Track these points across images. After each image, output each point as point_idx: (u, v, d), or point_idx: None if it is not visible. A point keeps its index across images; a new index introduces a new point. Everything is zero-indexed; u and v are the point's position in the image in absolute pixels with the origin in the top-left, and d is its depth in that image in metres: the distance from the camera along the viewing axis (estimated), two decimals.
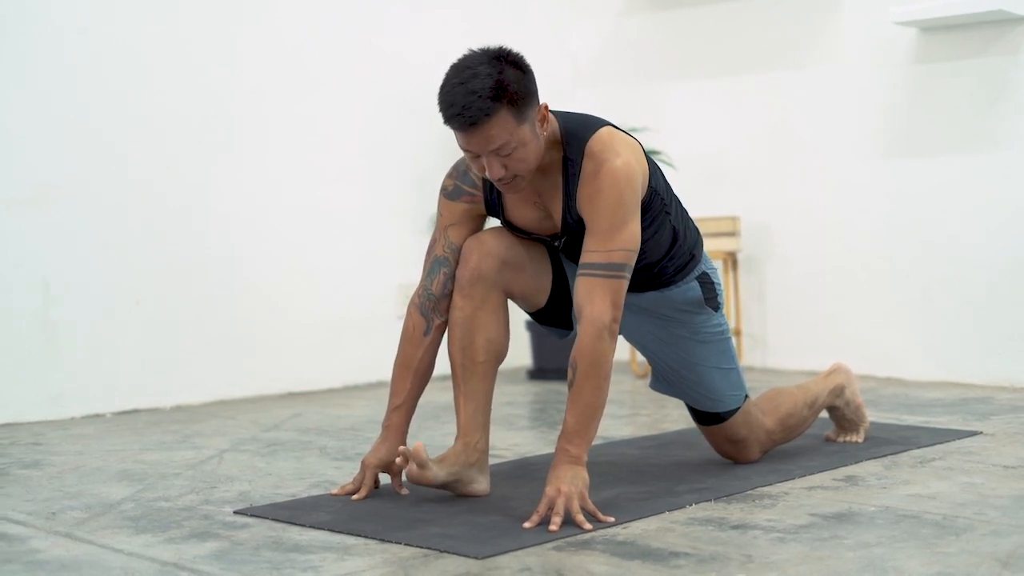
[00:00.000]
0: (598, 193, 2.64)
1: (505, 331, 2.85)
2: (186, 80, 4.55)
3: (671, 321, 3.00)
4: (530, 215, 2.82)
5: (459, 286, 2.80)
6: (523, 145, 2.59)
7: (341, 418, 4.16)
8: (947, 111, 4.83)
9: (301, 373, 4.87)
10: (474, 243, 2.81)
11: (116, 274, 4.36)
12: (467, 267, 2.79)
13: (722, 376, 3.05)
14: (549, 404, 4.47)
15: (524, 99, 2.58)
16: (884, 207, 5.02)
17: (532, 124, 2.62)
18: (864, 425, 3.48)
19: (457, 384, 2.83)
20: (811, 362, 5.19)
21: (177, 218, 4.52)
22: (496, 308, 2.81)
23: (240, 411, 4.35)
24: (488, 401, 2.84)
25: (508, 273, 2.82)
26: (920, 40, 4.88)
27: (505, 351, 2.86)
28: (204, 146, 4.59)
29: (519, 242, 2.86)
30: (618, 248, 2.62)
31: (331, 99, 4.99)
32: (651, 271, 2.87)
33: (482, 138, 2.55)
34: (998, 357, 4.71)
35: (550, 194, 2.77)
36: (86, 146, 4.30)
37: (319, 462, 3.36)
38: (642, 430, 3.85)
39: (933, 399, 4.37)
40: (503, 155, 2.58)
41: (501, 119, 2.54)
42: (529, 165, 2.63)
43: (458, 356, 2.81)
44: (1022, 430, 3.67)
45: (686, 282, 2.97)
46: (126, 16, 4.40)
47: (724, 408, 3.08)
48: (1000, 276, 4.72)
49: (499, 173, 2.60)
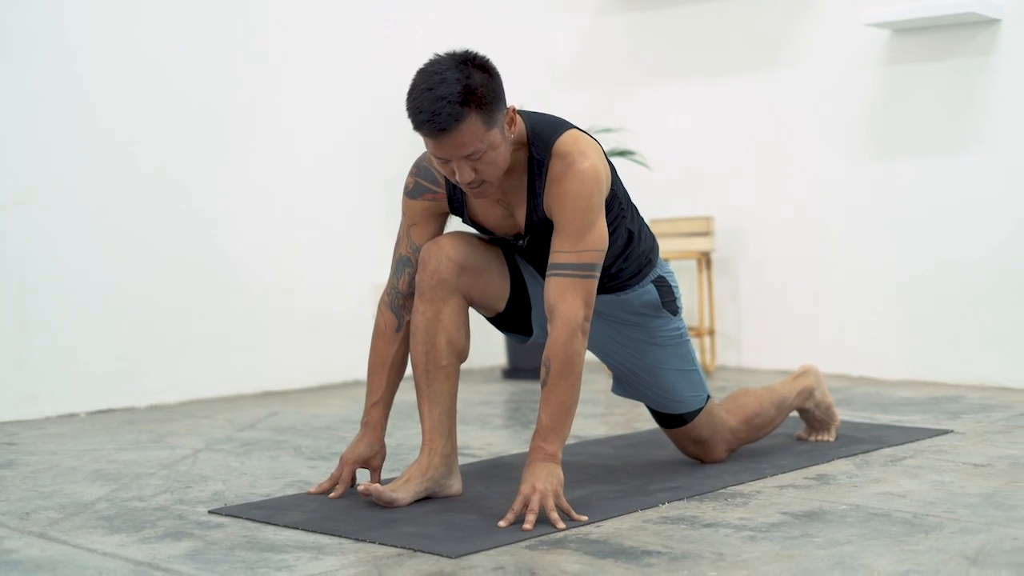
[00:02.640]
0: (567, 194, 2.65)
1: (466, 332, 2.85)
2: (163, 83, 4.55)
3: (629, 325, 3.02)
4: (494, 214, 2.83)
5: (419, 291, 2.81)
6: (493, 149, 2.60)
7: (316, 417, 4.17)
8: (921, 112, 4.86)
9: (277, 372, 4.87)
10: (432, 248, 2.82)
11: (91, 274, 4.36)
12: (426, 272, 2.80)
13: (682, 378, 3.07)
14: (524, 403, 4.48)
15: (492, 103, 2.59)
16: (857, 208, 5.05)
17: (501, 127, 2.63)
18: (835, 424, 3.51)
19: (421, 389, 2.83)
20: (784, 362, 5.22)
21: (153, 219, 4.52)
22: (456, 311, 2.82)
23: (215, 410, 4.35)
24: (453, 403, 2.85)
25: (467, 278, 2.83)
26: (893, 42, 4.91)
27: (467, 352, 2.87)
28: (181, 148, 4.59)
29: (478, 247, 2.87)
30: (588, 248, 2.65)
31: (307, 100, 5.00)
32: (606, 272, 2.87)
33: (452, 144, 2.56)
34: (969, 357, 4.74)
35: (515, 194, 2.78)
36: (62, 147, 4.29)
37: (294, 462, 3.36)
38: (615, 429, 3.87)
39: (905, 398, 4.41)
40: (474, 159, 2.59)
41: (471, 124, 2.55)
42: (499, 169, 2.64)
43: (421, 361, 2.81)
44: (992, 428, 3.70)
45: (642, 286, 2.98)
46: (105, 21, 4.39)
47: (686, 409, 3.09)
48: (972, 277, 4.75)
49: (469, 177, 2.61)
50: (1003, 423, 3.81)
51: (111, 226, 4.41)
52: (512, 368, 5.20)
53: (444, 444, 2.82)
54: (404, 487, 2.75)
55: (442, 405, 2.83)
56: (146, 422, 4.11)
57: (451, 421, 2.84)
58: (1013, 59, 4.63)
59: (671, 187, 5.45)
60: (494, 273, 2.90)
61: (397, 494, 2.72)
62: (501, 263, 2.92)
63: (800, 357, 5.17)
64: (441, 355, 2.81)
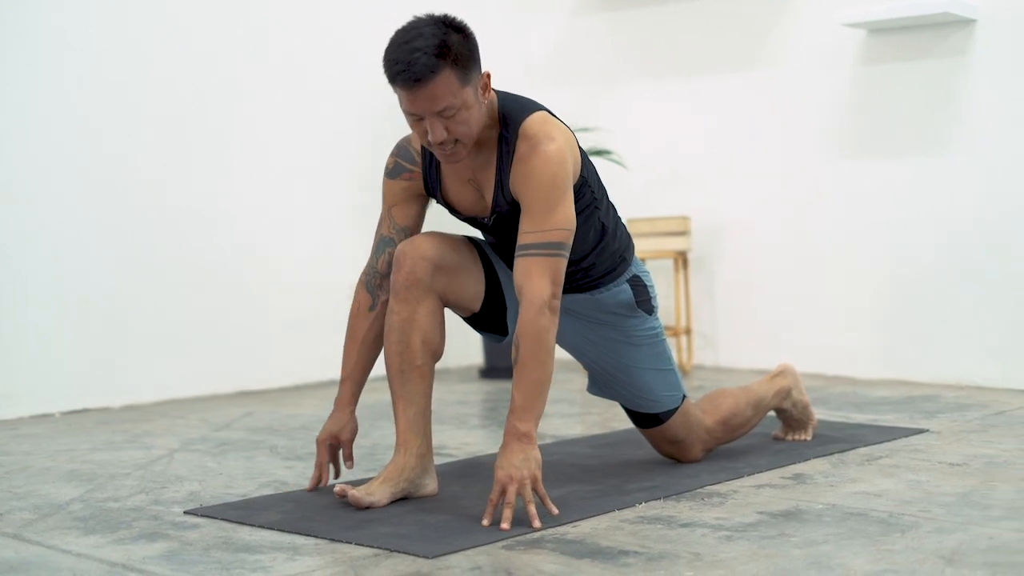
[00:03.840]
0: (531, 175, 2.66)
1: (441, 332, 2.84)
2: (137, 80, 4.52)
3: (604, 325, 3.02)
4: (465, 194, 2.84)
5: (394, 291, 2.80)
6: (466, 108, 2.62)
7: (292, 417, 4.16)
8: (896, 112, 4.88)
9: (253, 372, 4.86)
10: (408, 247, 2.81)
11: (65, 273, 4.34)
12: (401, 272, 2.79)
13: (658, 377, 3.06)
14: (500, 403, 4.48)
15: (467, 61, 2.61)
16: (834, 207, 5.06)
17: (475, 89, 2.65)
18: (812, 423, 3.51)
19: (395, 390, 2.82)
20: (761, 361, 5.23)
21: (128, 218, 4.49)
22: (432, 311, 2.81)
23: (191, 410, 4.34)
24: (428, 403, 2.84)
25: (442, 278, 2.82)
26: (869, 41, 4.93)
27: (441, 351, 2.86)
28: (156, 148, 4.57)
29: (454, 246, 2.86)
30: (553, 228, 2.65)
31: (281, 102, 4.98)
32: (577, 266, 2.88)
33: (426, 97, 2.58)
34: (945, 355, 4.76)
35: (484, 171, 2.78)
36: (34, 145, 4.27)
37: (269, 462, 3.35)
38: (592, 428, 3.87)
39: (881, 397, 4.42)
40: (446, 117, 2.60)
41: (445, 78, 2.57)
42: (471, 130, 2.65)
43: (395, 361, 2.80)
44: (967, 428, 3.71)
45: (616, 284, 2.98)
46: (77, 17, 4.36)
47: (661, 409, 3.09)
48: (948, 276, 4.77)
49: (441, 136, 2.62)
50: (979, 422, 3.82)
51: (85, 225, 4.39)
52: (489, 367, 5.19)
53: (419, 444, 2.81)
54: (380, 488, 2.74)
55: (417, 405, 2.82)
56: (121, 422, 4.09)
57: (426, 421, 2.84)
58: (988, 59, 4.65)
59: (648, 186, 5.46)
60: (470, 273, 2.89)
61: (374, 496, 2.71)
62: (477, 263, 2.92)
63: (776, 356, 5.17)
64: (416, 354, 2.80)
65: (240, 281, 4.83)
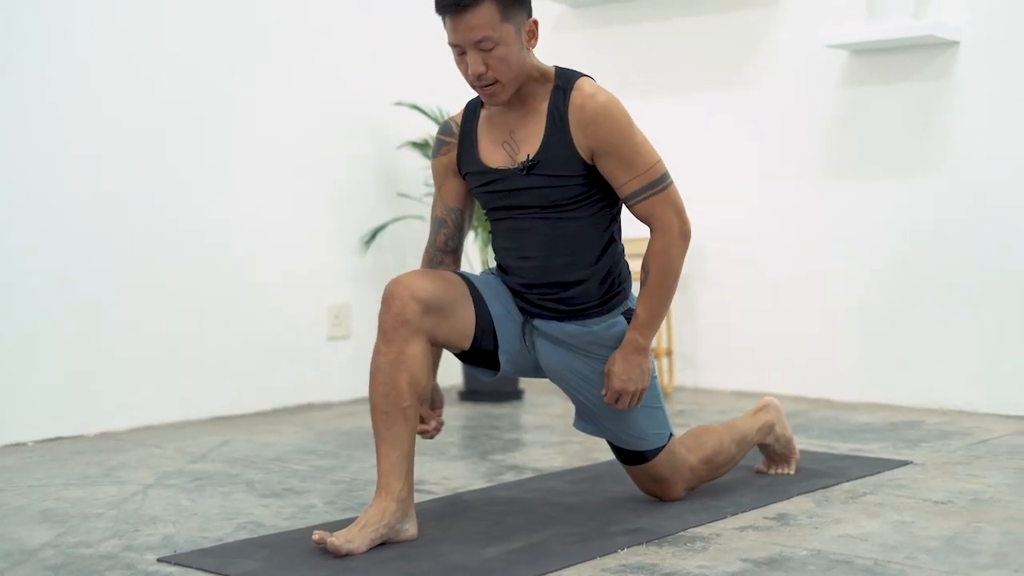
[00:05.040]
0: (601, 128, 2.78)
1: (428, 371, 2.80)
2: (115, 99, 4.46)
3: (596, 358, 2.99)
4: (498, 153, 2.90)
5: (381, 331, 2.76)
6: (505, 44, 2.73)
7: (269, 446, 4.10)
8: (879, 134, 4.85)
9: (229, 396, 4.80)
10: (398, 287, 2.77)
11: (37, 297, 4.27)
12: (390, 312, 2.75)
13: (647, 415, 3.03)
14: (481, 430, 4.43)
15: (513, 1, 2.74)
16: (816, 228, 5.03)
17: (518, 29, 2.77)
18: (795, 457, 3.49)
19: (379, 432, 2.77)
20: (742, 382, 5.21)
21: (99, 241, 4.43)
22: (420, 352, 2.77)
23: (166, 438, 4.28)
24: (411, 445, 2.80)
25: (432, 318, 2.78)
26: (852, 63, 4.90)
27: (428, 391, 2.83)
28: (130, 168, 4.51)
29: (445, 284, 2.83)
30: (648, 167, 2.83)
31: (258, 122, 4.91)
32: (575, 273, 2.90)
33: (467, 26, 2.71)
34: (927, 379, 4.74)
35: (528, 124, 2.86)
36: (6, 169, 4.20)
37: (246, 499, 3.30)
38: (573, 460, 3.82)
39: (863, 423, 4.39)
40: (485, 50, 2.73)
41: (487, 9, 2.70)
42: (509, 69, 2.76)
43: (381, 403, 2.76)
44: (950, 459, 3.69)
45: (612, 316, 2.97)
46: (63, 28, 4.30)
47: (648, 447, 3.05)
48: (930, 299, 4.75)
49: (479, 69, 2.74)
50: (962, 452, 3.80)
51: (57, 248, 4.32)
52: (469, 390, 5.14)
53: (400, 488, 2.76)
54: (360, 535, 2.69)
55: (400, 448, 2.78)
56: (95, 452, 4.03)
57: (408, 463, 2.79)
58: (971, 82, 4.63)
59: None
60: (461, 311, 2.86)
61: (353, 544, 2.66)
62: (468, 300, 2.89)
63: (757, 378, 5.16)
64: (402, 396, 2.76)
65: (218, 304, 4.77)
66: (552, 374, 3.04)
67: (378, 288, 5.29)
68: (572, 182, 2.85)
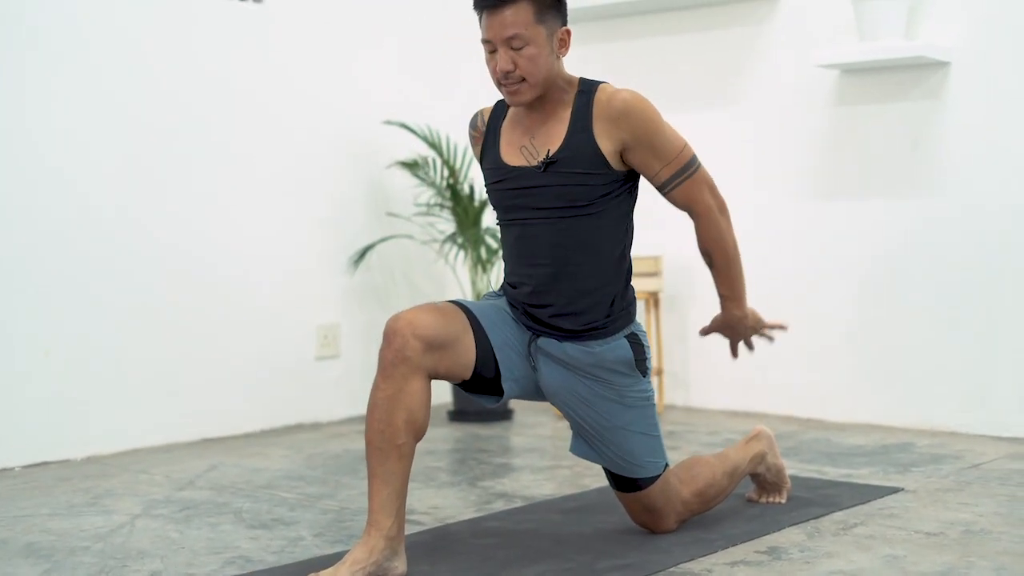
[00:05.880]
0: (632, 120, 2.83)
1: (426, 409, 2.78)
2: (100, 120, 4.43)
3: (599, 382, 2.97)
4: (517, 154, 2.94)
5: (381, 367, 2.74)
6: (535, 44, 2.80)
7: (258, 472, 4.08)
8: (870, 153, 4.84)
9: (218, 417, 4.77)
10: (399, 324, 2.74)
11: (23, 320, 4.24)
12: (390, 349, 2.73)
13: (644, 442, 3.02)
14: (470, 454, 4.40)
15: (546, 4, 2.81)
16: (806, 247, 5.02)
17: (551, 34, 2.83)
18: (786, 487, 3.47)
19: (372, 467, 2.75)
20: (733, 402, 5.19)
21: (85, 261, 4.40)
22: (419, 389, 2.75)
23: (154, 462, 4.25)
24: (404, 483, 2.77)
25: (432, 355, 2.76)
26: (842, 82, 4.89)
27: (425, 429, 2.80)
28: (117, 188, 4.48)
29: (445, 318, 2.82)
30: (677, 152, 2.89)
31: (247, 141, 4.89)
32: (584, 282, 2.91)
33: (499, 23, 2.79)
34: (919, 400, 4.72)
35: (548, 132, 2.90)
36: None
37: (234, 531, 3.27)
38: (564, 487, 3.79)
39: (854, 446, 4.37)
40: (515, 48, 2.80)
41: (522, 8, 2.78)
42: (537, 70, 2.82)
43: (376, 439, 2.74)
44: (941, 486, 3.67)
45: (615, 339, 2.96)
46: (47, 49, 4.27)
47: (643, 475, 3.04)
48: (921, 318, 4.73)
49: (507, 66, 2.80)
50: (953, 479, 3.78)
51: (41, 268, 4.29)
52: (458, 410, 5.11)
53: (390, 526, 2.74)
54: (348, 573, 2.67)
55: (392, 485, 2.75)
56: (82, 478, 4.00)
57: (400, 501, 2.77)
58: (962, 102, 4.61)
59: None
60: (461, 344, 2.85)
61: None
62: (468, 331, 2.87)
63: (748, 398, 5.15)
64: (398, 433, 2.74)
65: (206, 325, 4.74)
66: (552, 396, 3.02)
67: (367, 307, 5.29)
68: (590, 180, 2.87)
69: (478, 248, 5.15)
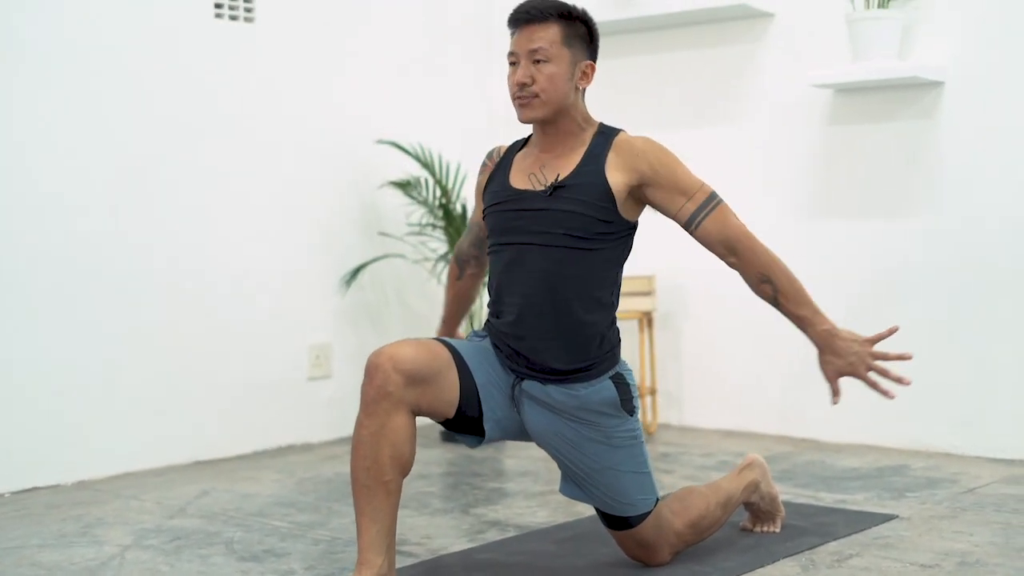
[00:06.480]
0: (649, 157, 2.90)
1: (411, 444, 2.77)
2: (90, 142, 4.40)
3: (584, 424, 2.95)
4: (526, 181, 2.96)
5: (364, 403, 2.73)
6: (557, 64, 2.87)
7: (249, 498, 4.05)
8: (863, 173, 4.83)
9: (210, 439, 4.74)
10: (381, 359, 2.73)
11: (11, 343, 4.21)
12: (372, 384, 2.72)
13: (634, 481, 2.99)
14: (463, 478, 4.38)
15: (577, 35, 2.91)
16: (799, 266, 4.97)
17: (574, 61, 2.91)
18: (780, 515, 3.46)
19: (360, 505, 2.73)
20: (727, 421, 5.18)
21: (74, 283, 4.36)
22: (402, 424, 2.73)
23: (144, 488, 4.22)
24: (394, 519, 2.76)
25: (415, 390, 2.75)
26: (836, 101, 4.88)
27: (410, 463, 2.79)
28: (107, 210, 4.45)
29: (428, 355, 2.80)
30: (697, 188, 2.92)
31: (244, 160, 4.86)
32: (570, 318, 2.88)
33: (528, 37, 2.87)
34: (913, 420, 4.71)
35: (559, 162, 2.93)
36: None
37: (225, 563, 3.24)
38: (557, 514, 3.77)
39: (848, 468, 4.36)
40: (536, 62, 2.86)
41: (552, 28, 2.87)
42: (554, 89, 2.88)
43: (362, 476, 2.73)
44: (937, 512, 3.66)
45: (599, 381, 2.93)
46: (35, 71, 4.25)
47: (635, 513, 3.02)
48: (915, 339, 4.71)
49: (525, 78, 2.86)
50: (948, 505, 3.77)
51: (31, 290, 4.26)
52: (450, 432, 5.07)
53: (381, 563, 2.73)
54: None
55: (381, 522, 2.74)
56: (72, 505, 3.97)
57: (390, 538, 2.76)
58: (956, 122, 4.61)
59: None
60: (444, 381, 2.83)
61: None
62: (452, 368, 2.85)
63: (742, 417, 5.14)
64: (384, 469, 2.72)
65: (198, 345, 4.71)
66: (538, 438, 3.00)
67: (359, 327, 5.26)
68: (593, 212, 2.86)
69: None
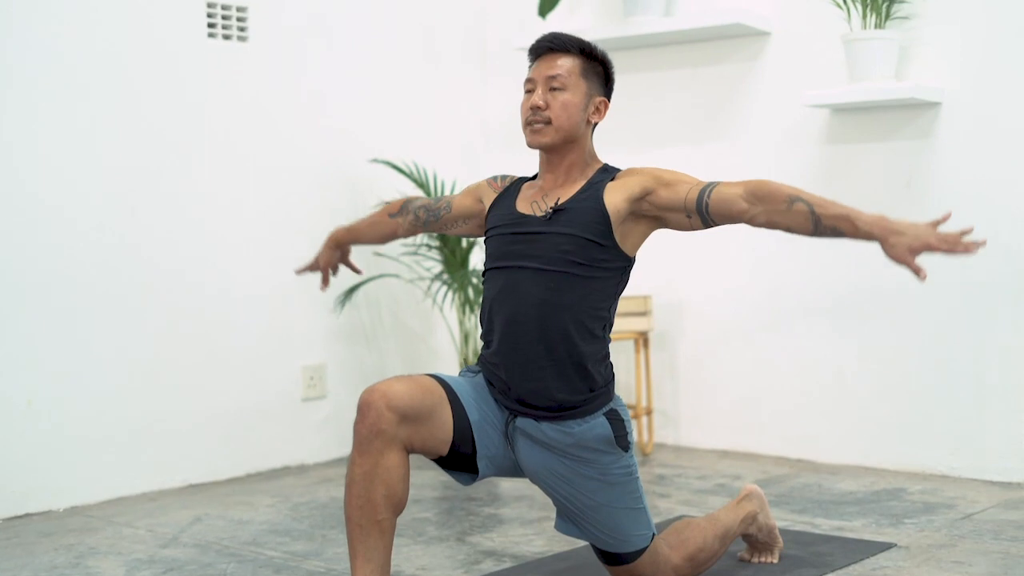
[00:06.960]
0: (640, 172, 2.93)
1: (405, 482, 2.74)
2: (82, 163, 4.37)
3: (578, 461, 2.92)
4: (527, 209, 2.97)
5: (356, 442, 2.70)
6: (572, 93, 2.93)
7: (243, 525, 4.02)
8: (859, 192, 4.79)
9: (203, 462, 4.71)
10: (374, 396, 2.70)
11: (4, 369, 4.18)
12: (365, 422, 2.69)
13: (629, 517, 2.97)
14: (458, 503, 4.35)
15: (595, 72, 2.98)
16: (796, 287, 4.98)
17: (590, 95, 2.96)
18: (778, 545, 3.43)
19: (354, 545, 2.71)
20: (723, 441, 5.16)
21: (64, 305, 4.34)
22: (396, 463, 2.71)
23: (137, 513, 4.19)
24: (388, 557, 2.74)
25: (408, 427, 2.72)
26: (832, 121, 4.85)
27: (404, 502, 2.76)
28: (98, 234, 4.42)
29: (422, 391, 2.77)
30: (694, 181, 2.89)
31: (237, 179, 4.84)
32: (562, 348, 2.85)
33: (549, 65, 2.94)
34: (910, 442, 4.69)
35: (560, 191, 2.95)
36: None
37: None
38: (553, 544, 3.74)
39: (845, 492, 4.33)
40: (553, 89, 2.91)
41: (572, 60, 2.94)
42: (567, 118, 2.91)
43: (355, 515, 2.70)
44: (935, 541, 3.64)
45: (593, 417, 2.91)
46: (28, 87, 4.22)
47: (631, 549, 2.99)
48: (912, 360, 4.70)
49: (540, 102, 2.90)
50: (946, 531, 3.75)
51: (22, 316, 4.23)
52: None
53: None
54: None
55: (375, 561, 2.72)
56: (64, 532, 3.94)
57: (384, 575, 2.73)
58: (953, 142, 4.58)
59: None
60: (438, 418, 2.81)
61: None
62: (446, 405, 2.83)
63: (739, 436, 5.12)
64: (377, 509, 2.70)
65: (190, 367, 4.69)
66: (533, 475, 2.98)
67: (354, 347, 5.24)
68: (589, 234, 2.86)
69: (465, 288, 5.11)
